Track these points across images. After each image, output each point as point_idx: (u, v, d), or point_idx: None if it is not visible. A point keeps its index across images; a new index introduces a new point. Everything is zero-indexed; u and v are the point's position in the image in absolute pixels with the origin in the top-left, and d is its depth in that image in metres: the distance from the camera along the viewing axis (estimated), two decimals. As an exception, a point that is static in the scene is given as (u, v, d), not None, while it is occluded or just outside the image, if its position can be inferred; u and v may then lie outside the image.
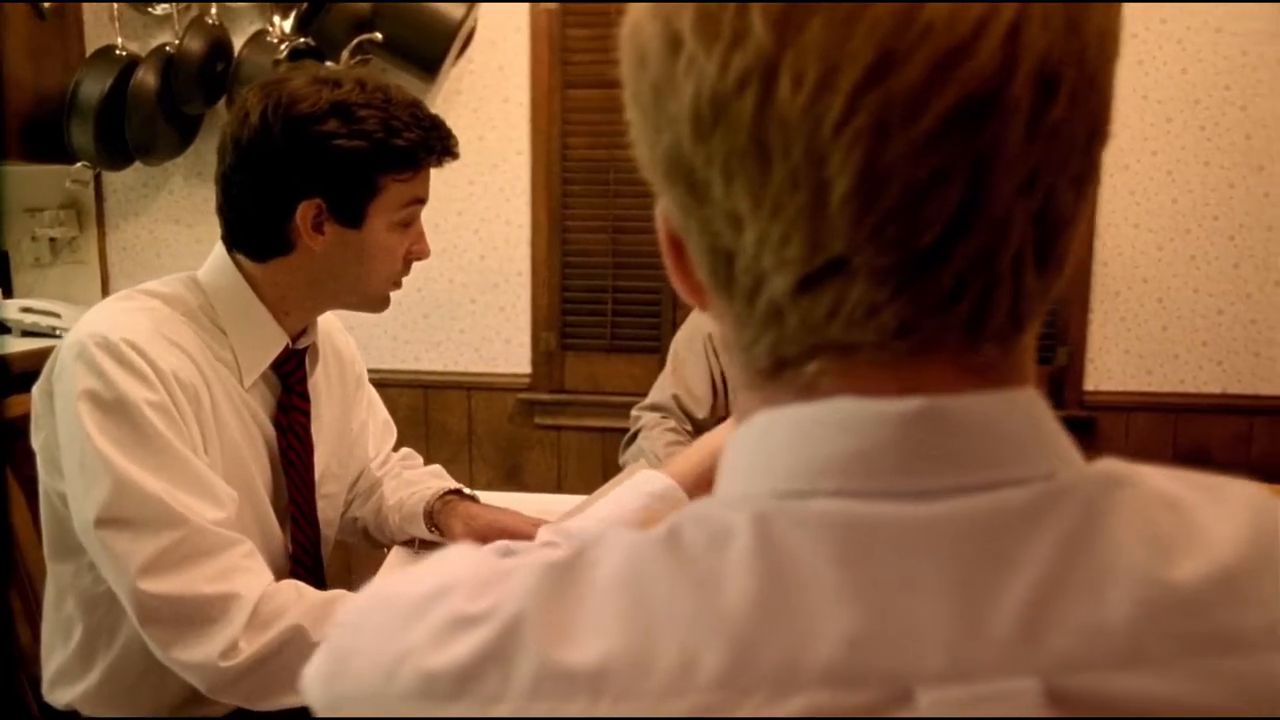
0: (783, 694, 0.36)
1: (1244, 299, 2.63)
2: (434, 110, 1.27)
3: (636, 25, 0.42)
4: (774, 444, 0.42)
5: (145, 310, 1.19)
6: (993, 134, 0.36)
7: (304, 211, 1.18)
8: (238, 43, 2.59)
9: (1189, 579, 0.38)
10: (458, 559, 0.48)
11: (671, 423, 1.99)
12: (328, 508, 1.41)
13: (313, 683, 0.45)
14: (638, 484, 0.93)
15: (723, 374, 2.02)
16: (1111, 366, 2.68)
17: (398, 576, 0.47)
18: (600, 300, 2.79)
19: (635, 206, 2.74)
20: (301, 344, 1.31)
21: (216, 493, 1.13)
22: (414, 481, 1.58)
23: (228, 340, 1.23)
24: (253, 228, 1.22)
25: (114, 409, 1.08)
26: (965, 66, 0.36)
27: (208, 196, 2.83)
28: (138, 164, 2.70)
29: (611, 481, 1.47)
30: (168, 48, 2.57)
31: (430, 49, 2.42)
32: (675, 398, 2.00)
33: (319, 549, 1.38)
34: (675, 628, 0.38)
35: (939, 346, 0.40)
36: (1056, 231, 0.40)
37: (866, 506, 0.39)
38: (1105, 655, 0.37)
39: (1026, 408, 0.41)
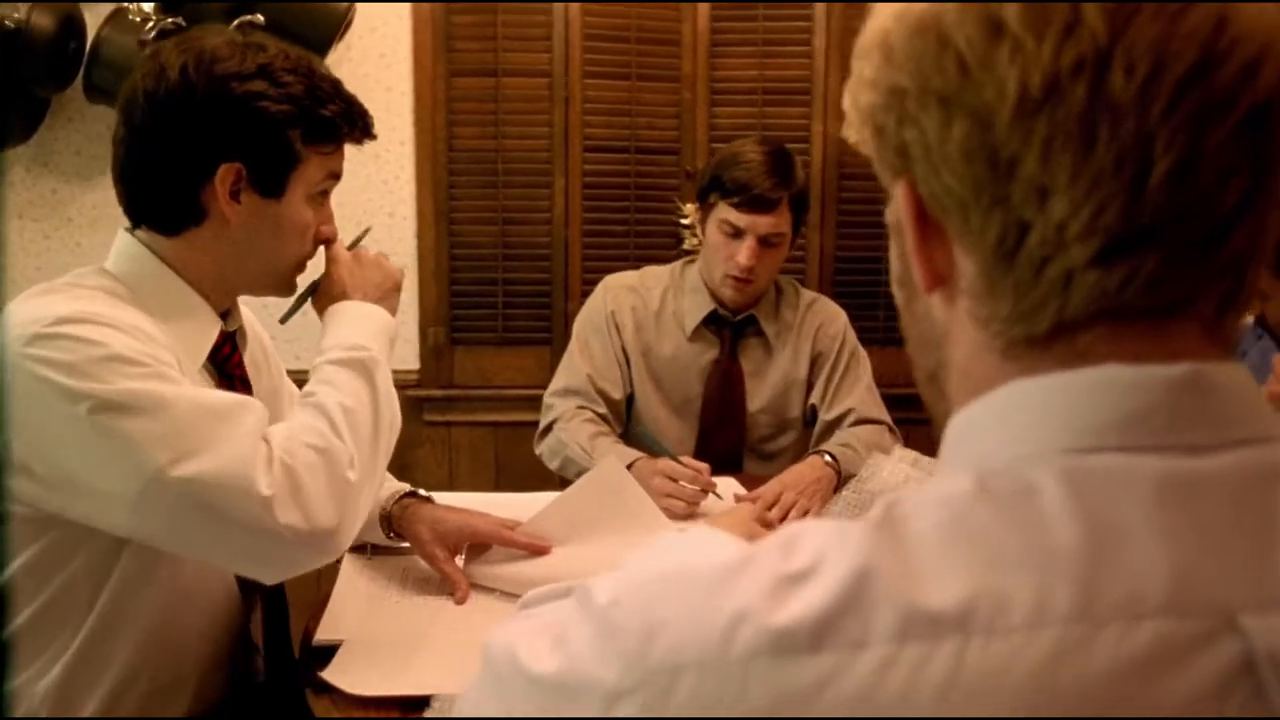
0: (1134, 623, 0.40)
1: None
2: None
3: (934, 12, 0.46)
4: (1045, 407, 0.46)
5: (85, 294, 1.09)
6: (1270, 132, 0.43)
7: (223, 175, 1.11)
8: (90, 20, 2.39)
9: None
10: (719, 538, 0.52)
11: (589, 413, 1.97)
12: None
13: (611, 661, 0.44)
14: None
15: (625, 351, 2.02)
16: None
17: (661, 555, 0.48)
18: (490, 293, 2.75)
19: (524, 197, 2.71)
20: (231, 326, 1.25)
21: (250, 403, 1.08)
22: (359, 485, 1.51)
23: (161, 328, 1.13)
24: (164, 193, 1.14)
25: (107, 366, 0.99)
26: (1261, 76, 0.42)
27: (56, 188, 2.60)
28: (-28, 152, 2.45)
29: (576, 485, 1.44)
30: (8, 22, 2.34)
31: (316, 33, 2.31)
32: (589, 378, 1.99)
33: None
34: (1020, 569, 0.41)
35: (1195, 317, 0.46)
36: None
37: (1155, 460, 0.44)
38: None
39: (1246, 375, 0.47)
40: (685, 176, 2.76)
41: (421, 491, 1.46)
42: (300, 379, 1.63)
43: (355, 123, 1.19)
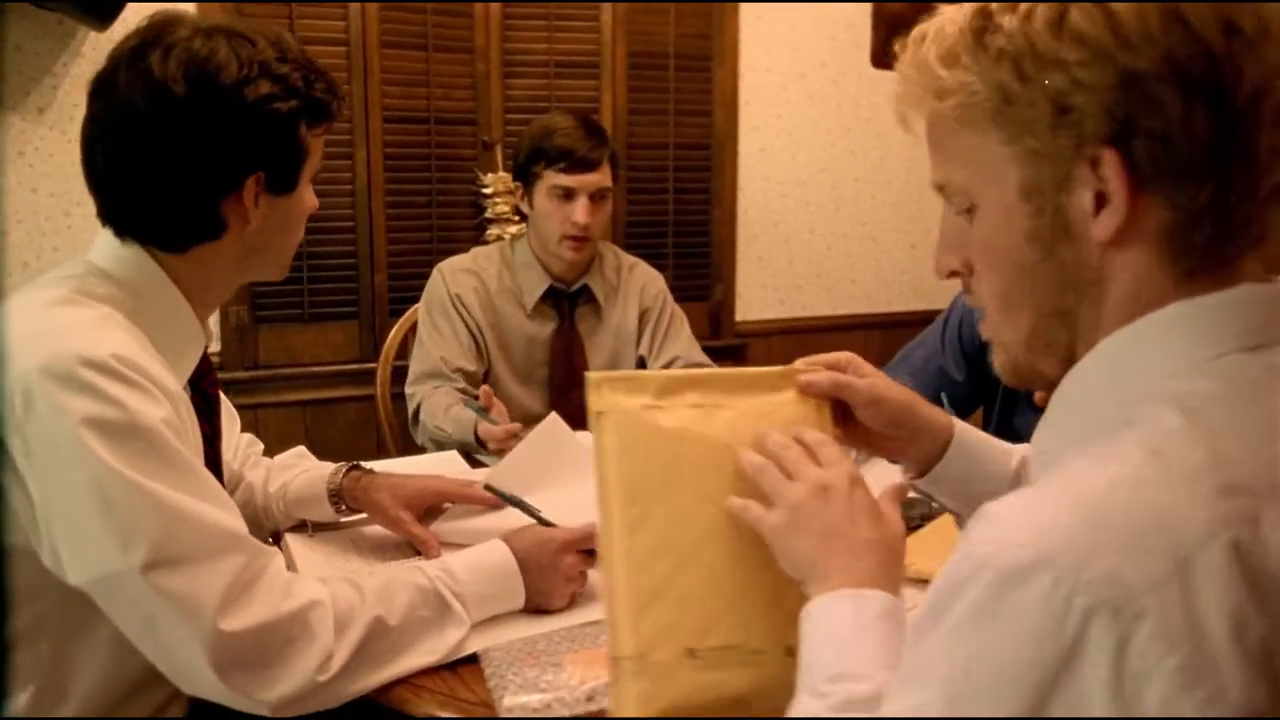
0: None
1: (842, 236, 3.25)
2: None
3: (1173, 9, 0.58)
4: (1214, 320, 0.61)
5: (110, 317, 1.03)
6: None
7: (249, 186, 1.09)
8: None
9: None
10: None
11: (446, 388, 2.04)
12: None
13: (1046, 563, 0.51)
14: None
15: (478, 327, 2.11)
16: (754, 299, 3.17)
17: (1040, 502, 0.56)
18: (294, 268, 2.66)
19: (326, 169, 2.65)
20: (209, 338, 1.21)
21: (234, 506, 1.05)
22: (288, 465, 1.52)
23: (157, 348, 1.08)
24: (182, 216, 1.09)
25: (132, 434, 0.95)
26: None
27: None
28: None
29: (525, 441, 1.53)
30: None
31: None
32: (442, 360, 2.06)
33: None
34: (1274, 446, 0.56)
35: None
36: None
37: None
38: None
39: None
40: (483, 147, 2.83)
41: (364, 464, 1.48)
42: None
43: (337, 93, 1.17)
